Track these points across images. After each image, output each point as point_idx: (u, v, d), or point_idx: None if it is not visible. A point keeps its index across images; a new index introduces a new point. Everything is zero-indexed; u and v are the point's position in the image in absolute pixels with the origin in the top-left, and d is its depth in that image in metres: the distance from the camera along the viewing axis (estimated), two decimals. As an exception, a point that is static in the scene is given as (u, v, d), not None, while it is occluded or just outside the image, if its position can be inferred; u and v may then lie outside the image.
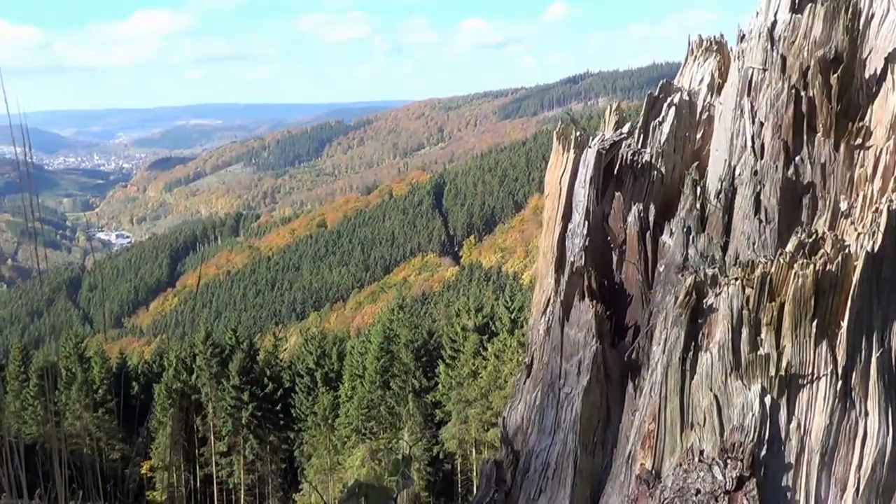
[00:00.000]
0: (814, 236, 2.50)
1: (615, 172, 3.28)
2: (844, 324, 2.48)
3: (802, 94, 2.78)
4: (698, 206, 2.93)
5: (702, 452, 2.48)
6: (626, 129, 3.36)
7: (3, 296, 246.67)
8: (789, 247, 2.50)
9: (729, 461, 2.40)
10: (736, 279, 2.48)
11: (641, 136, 3.35)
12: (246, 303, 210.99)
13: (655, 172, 3.22)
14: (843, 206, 2.70)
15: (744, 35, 3.06)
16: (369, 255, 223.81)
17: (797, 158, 2.81)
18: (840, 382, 2.46)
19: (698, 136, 3.34)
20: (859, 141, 2.83)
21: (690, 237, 2.86)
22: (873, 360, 2.50)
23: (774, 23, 2.88)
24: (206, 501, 55.78)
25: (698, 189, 2.99)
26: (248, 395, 54.62)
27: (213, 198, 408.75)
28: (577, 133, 3.37)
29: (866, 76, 2.87)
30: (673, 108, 3.29)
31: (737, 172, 2.90)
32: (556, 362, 3.01)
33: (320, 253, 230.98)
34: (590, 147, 3.30)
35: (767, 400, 2.46)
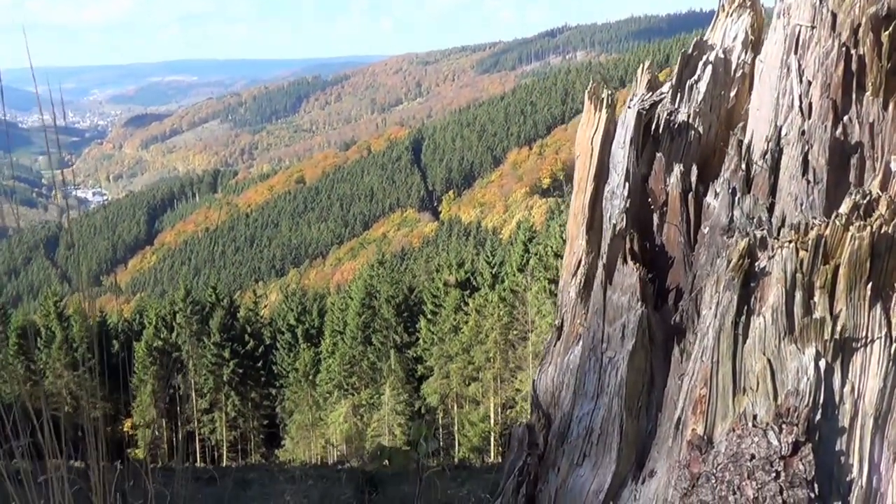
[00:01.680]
0: (868, 197, 2.46)
1: (652, 133, 3.23)
2: None
3: (853, 52, 2.73)
4: (743, 166, 2.88)
5: (755, 417, 2.46)
6: (665, 88, 3.28)
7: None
8: (843, 208, 2.46)
9: (784, 426, 2.38)
10: (790, 242, 2.44)
11: (678, 95, 3.28)
12: (225, 260, 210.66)
13: (692, 132, 3.17)
14: (894, 166, 2.66)
15: None
16: (348, 211, 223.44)
17: (845, 118, 2.76)
18: (894, 346, 2.44)
19: (732, 94, 3.28)
20: None
21: (736, 198, 2.81)
22: None
23: None
24: (188, 458, 55.88)
25: (743, 149, 2.94)
26: (229, 352, 54.63)
27: (191, 154, 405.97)
28: (609, 92, 3.31)
29: None
30: (709, 67, 3.23)
31: (783, 132, 2.85)
32: (598, 326, 2.97)
33: (299, 209, 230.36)
34: (629, 107, 3.24)
35: (822, 364, 2.43)
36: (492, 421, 47.93)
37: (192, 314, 56.32)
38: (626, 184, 3.08)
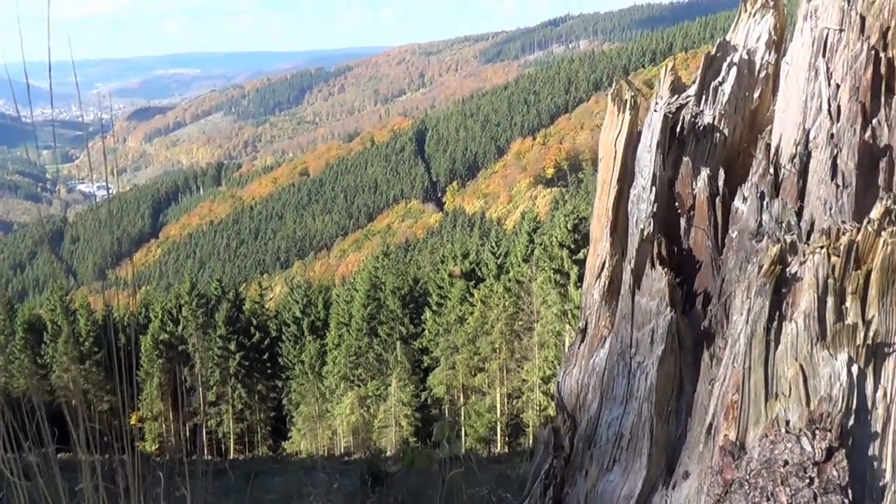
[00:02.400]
0: (899, 202, 2.45)
1: (677, 135, 3.22)
2: None
3: (882, 55, 2.72)
4: (772, 170, 2.87)
5: (788, 423, 2.46)
6: (691, 91, 3.27)
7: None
8: (874, 213, 2.45)
9: (817, 432, 2.38)
10: (821, 247, 2.44)
11: (702, 96, 3.27)
12: (230, 253, 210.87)
13: (718, 134, 3.16)
14: None
15: None
16: (352, 203, 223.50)
17: (874, 121, 2.75)
18: (927, 351, 2.43)
19: (756, 95, 3.27)
20: None
21: (764, 203, 2.80)
22: None
23: None
24: (195, 451, 56.01)
25: (771, 153, 2.94)
26: (235, 344, 54.70)
27: (194, 147, 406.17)
28: (632, 94, 3.30)
29: None
30: (734, 69, 3.22)
31: (811, 136, 2.84)
32: (626, 331, 2.97)
33: (303, 201, 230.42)
34: (655, 111, 3.23)
35: (854, 369, 2.43)
36: (498, 411, 47.98)
37: (198, 307, 56.39)
38: (653, 188, 3.07)
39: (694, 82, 3.31)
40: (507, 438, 48.10)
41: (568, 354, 3.46)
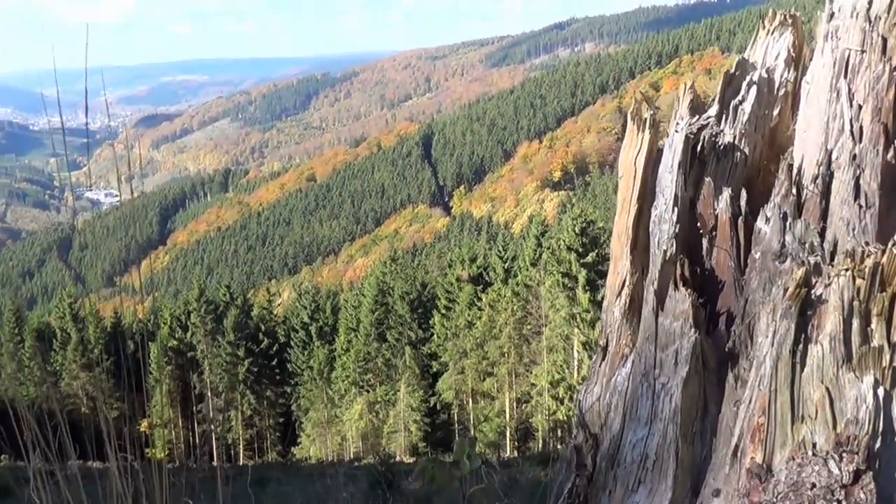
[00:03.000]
0: (923, 224, 2.47)
1: (697, 155, 3.23)
2: None
3: None
4: (794, 191, 2.88)
5: (815, 446, 2.46)
6: (712, 111, 3.28)
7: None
8: None
9: (845, 454, 2.38)
10: (846, 270, 2.45)
11: (722, 115, 3.28)
12: (238, 259, 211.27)
13: (739, 153, 3.17)
14: None
15: (833, 13, 3.01)
16: (359, 208, 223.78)
17: None
18: (953, 373, 2.44)
19: (775, 112, 3.28)
20: None
21: (787, 223, 2.81)
22: None
23: (870, 1, 2.83)
24: (205, 457, 56.08)
25: (794, 173, 2.94)
26: (243, 350, 54.80)
27: (201, 154, 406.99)
28: (652, 112, 3.31)
29: None
30: (754, 87, 3.23)
31: (833, 156, 2.85)
32: (650, 352, 2.98)
33: (310, 207, 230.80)
34: (676, 131, 3.24)
35: (880, 392, 2.43)
36: (507, 416, 47.99)
37: (207, 314, 56.51)
38: (675, 208, 3.08)
39: (713, 101, 3.31)
40: (516, 443, 48.12)
41: (589, 372, 3.47)
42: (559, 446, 44.79)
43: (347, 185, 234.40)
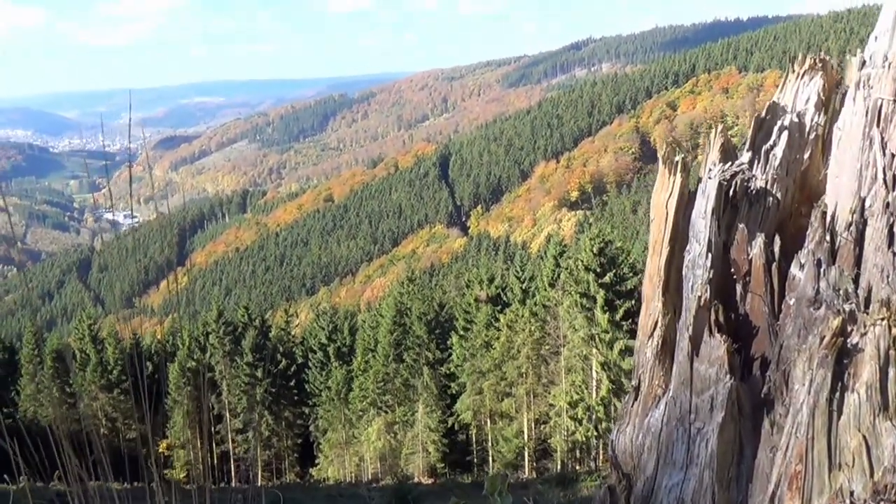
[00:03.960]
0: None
1: (730, 199, 3.25)
2: None
3: None
4: (828, 238, 2.89)
5: (852, 493, 2.47)
6: (745, 157, 3.31)
7: (14, 279, 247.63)
8: None
9: (882, 502, 2.38)
10: (882, 319, 2.47)
11: (754, 160, 3.31)
12: (256, 279, 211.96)
13: (771, 198, 3.19)
14: None
15: (864, 61, 3.06)
16: (377, 228, 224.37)
17: None
18: None
19: (806, 156, 3.29)
20: None
21: (821, 270, 2.82)
22: None
23: None
24: (223, 478, 56.10)
25: (827, 220, 2.95)
26: (261, 371, 54.82)
27: (219, 175, 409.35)
28: (683, 156, 3.33)
29: None
30: (785, 133, 3.25)
31: (867, 204, 2.87)
32: (685, 397, 3.00)
33: (328, 227, 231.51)
34: (710, 178, 3.26)
35: (917, 440, 2.45)
36: (525, 436, 47.84)
37: (225, 334, 56.61)
38: (709, 254, 3.11)
39: (744, 144, 3.34)
40: (534, 463, 47.94)
41: (621, 412, 3.49)
42: (577, 467, 44.67)
43: (365, 206, 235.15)
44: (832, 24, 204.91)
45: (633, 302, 42.73)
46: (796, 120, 3.27)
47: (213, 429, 55.20)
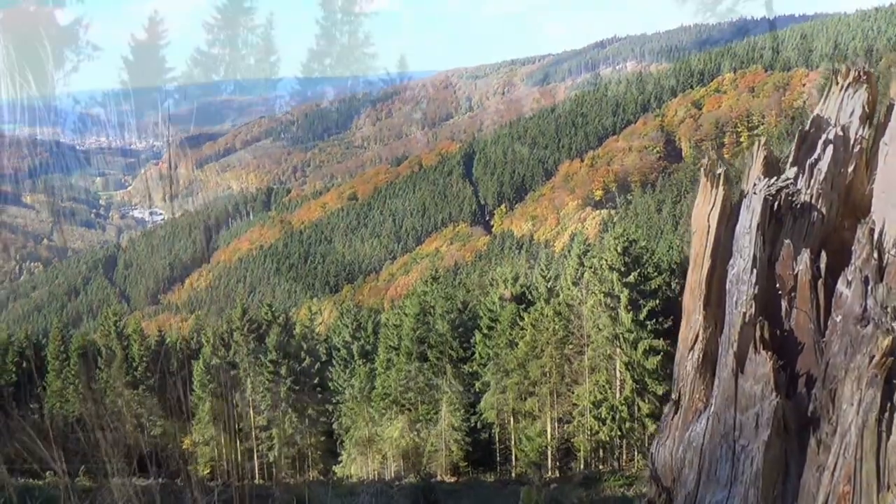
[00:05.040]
0: None
1: (774, 213, 3.17)
2: None
3: None
4: (875, 255, 2.81)
5: None
6: (790, 173, 3.23)
7: (41, 275, 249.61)
8: None
9: None
10: None
11: (799, 174, 3.24)
12: (280, 277, 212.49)
13: (815, 213, 3.11)
14: None
15: None
16: (401, 227, 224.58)
17: None
18: None
19: (850, 169, 3.21)
20: None
21: (869, 288, 2.74)
22: None
23: None
24: (247, 476, 56.21)
25: (875, 237, 2.87)
26: (285, 369, 54.92)
27: (244, 173, 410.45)
28: (724, 168, 3.26)
29: None
30: (830, 147, 3.17)
31: None
32: (729, 414, 2.93)
33: (352, 225, 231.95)
34: (755, 193, 3.19)
35: (964, 459, 2.37)
36: (548, 435, 47.75)
37: (249, 332, 56.74)
38: (754, 270, 3.03)
39: (787, 157, 3.27)
40: (557, 462, 47.83)
41: (661, 425, 3.43)
42: (601, 467, 44.55)
43: (389, 204, 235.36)
44: (859, 23, 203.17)
45: (657, 301, 42.59)
46: (840, 133, 3.19)
47: (237, 426, 55.32)
